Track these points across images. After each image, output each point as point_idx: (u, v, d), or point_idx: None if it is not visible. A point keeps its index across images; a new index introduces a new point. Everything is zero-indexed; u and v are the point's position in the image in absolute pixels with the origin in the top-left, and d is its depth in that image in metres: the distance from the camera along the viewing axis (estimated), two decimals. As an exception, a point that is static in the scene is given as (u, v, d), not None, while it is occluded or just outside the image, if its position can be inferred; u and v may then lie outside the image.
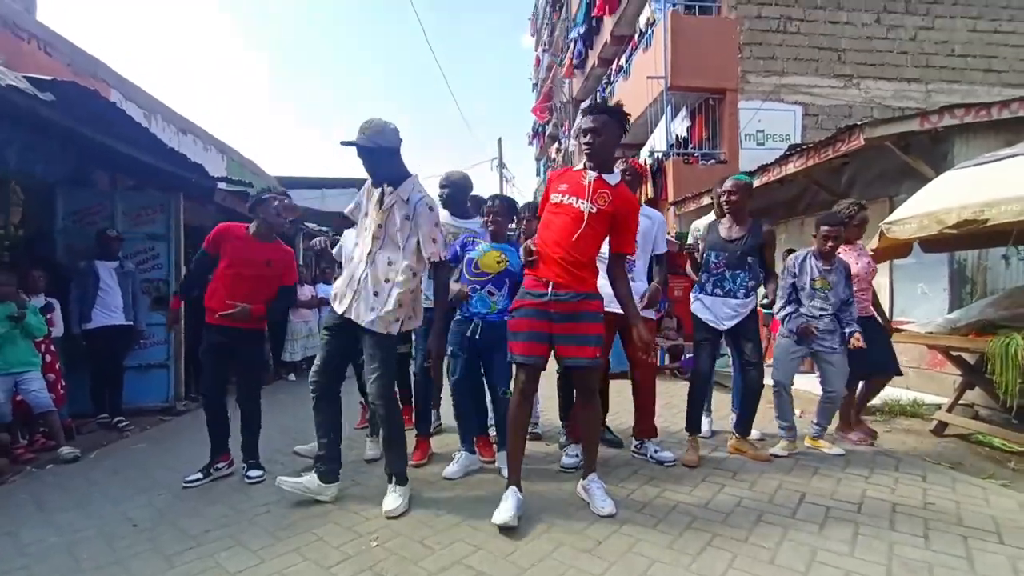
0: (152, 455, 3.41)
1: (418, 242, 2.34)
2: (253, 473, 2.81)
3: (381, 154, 2.30)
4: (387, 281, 2.33)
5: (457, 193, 3.18)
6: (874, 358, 3.23)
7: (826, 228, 3.03)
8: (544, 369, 2.32)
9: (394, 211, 2.33)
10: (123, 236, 4.45)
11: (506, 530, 2.06)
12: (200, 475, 2.79)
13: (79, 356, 4.24)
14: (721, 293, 2.94)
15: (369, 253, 2.34)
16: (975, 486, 2.57)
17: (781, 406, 3.13)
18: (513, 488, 2.23)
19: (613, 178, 2.30)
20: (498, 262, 2.78)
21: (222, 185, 5.27)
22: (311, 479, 2.43)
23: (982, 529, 2.08)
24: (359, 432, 3.65)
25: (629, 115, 2.33)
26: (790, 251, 5.23)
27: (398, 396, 2.63)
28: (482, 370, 2.90)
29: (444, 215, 3.16)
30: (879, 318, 3.59)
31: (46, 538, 2.15)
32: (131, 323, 4.32)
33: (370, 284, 2.33)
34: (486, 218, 2.86)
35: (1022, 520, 2.17)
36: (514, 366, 2.37)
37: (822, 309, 3.07)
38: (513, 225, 3.27)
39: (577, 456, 2.83)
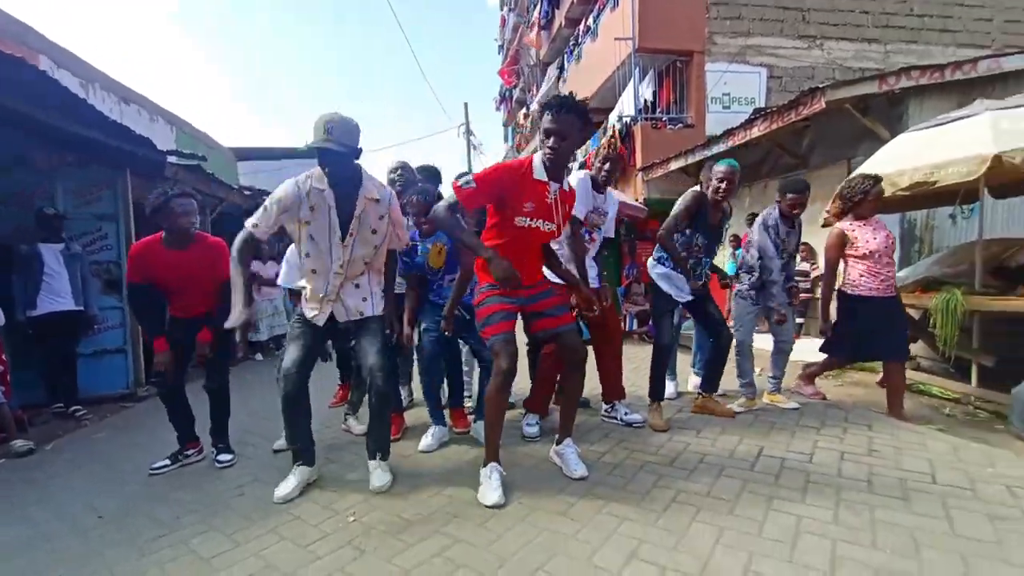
0: (113, 444, 3.32)
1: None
2: (223, 457, 2.77)
3: (350, 156, 2.16)
4: (363, 274, 2.33)
5: (410, 176, 3.19)
6: (896, 341, 3.19)
7: (793, 196, 3.14)
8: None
9: (367, 215, 2.24)
10: (65, 215, 4.19)
11: (494, 507, 2.07)
12: (168, 461, 2.74)
13: (27, 344, 4.04)
14: (696, 276, 3.01)
15: (342, 265, 2.25)
16: (915, 432, 2.77)
17: (743, 364, 3.27)
18: (494, 464, 2.23)
19: (565, 182, 2.25)
20: (439, 253, 2.80)
21: (172, 159, 4.98)
22: (303, 470, 2.37)
23: (919, 472, 2.26)
24: (331, 411, 3.64)
25: (590, 114, 2.19)
26: (754, 215, 5.37)
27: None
28: (460, 345, 3.02)
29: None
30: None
31: (17, 532, 2.09)
32: (81, 308, 4.12)
33: (350, 284, 2.30)
34: (416, 218, 2.78)
35: (954, 461, 2.37)
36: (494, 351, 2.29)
37: (783, 267, 3.22)
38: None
39: (537, 424, 2.94)
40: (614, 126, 8.46)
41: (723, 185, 2.87)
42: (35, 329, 3.96)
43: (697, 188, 3.02)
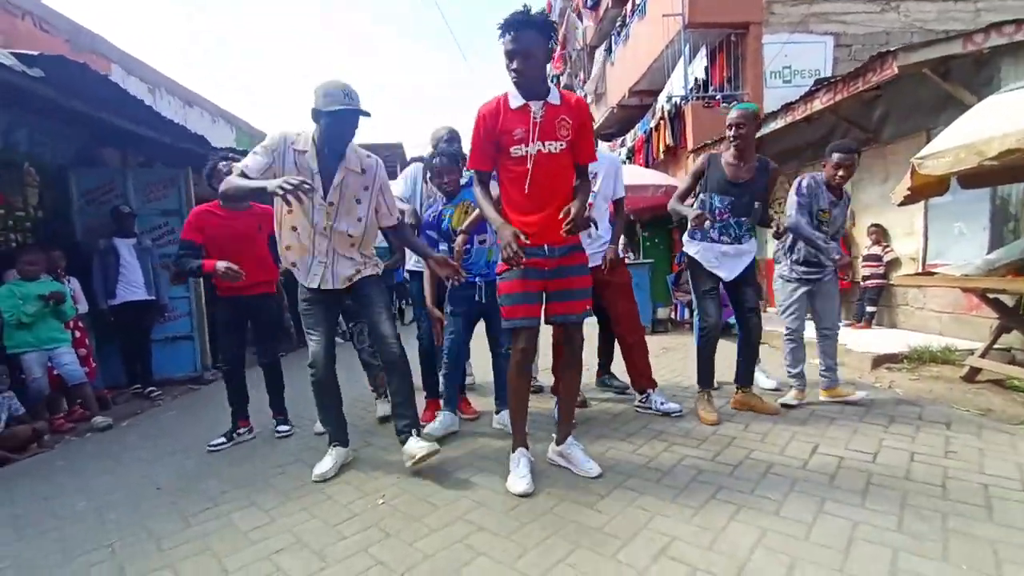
0: (180, 422, 3.57)
1: (376, 209, 2.33)
2: (282, 428, 3.01)
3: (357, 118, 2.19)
4: (352, 246, 2.33)
5: (453, 146, 3.00)
6: None
7: (839, 156, 2.80)
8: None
9: (348, 185, 2.23)
10: (136, 212, 4.55)
11: (523, 495, 2.00)
12: (223, 439, 2.94)
13: (109, 330, 4.43)
14: (728, 240, 2.77)
15: (325, 228, 2.25)
16: (1003, 433, 2.45)
17: (793, 353, 3.00)
18: (521, 450, 2.16)
19: (555, 95, 2.01)
20: (466, 212, 2.67)
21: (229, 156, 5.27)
22: (338, 451, 2.44)
23: (1005, 478, 1.98)
24: (371, 396, 3.73)
25: (555, 22, 2.05)
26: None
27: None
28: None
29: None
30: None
31: (77, 502, 2.29)
32: (153, 298, 4.46)
33: (341, 251, 2.30)
34: (438, 180, 2.69)
35: (1051, 467, 2.06)
36: (512, 331, 2.17)
37: (825, 237, 2.92)
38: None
39: None
40: (663, 107, 8.10)
41: (732, 132, 2.63)
42: (115, 316, 4.34)
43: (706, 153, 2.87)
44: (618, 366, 3.31)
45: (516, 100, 2.00)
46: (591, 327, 2.66)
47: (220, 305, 3.03)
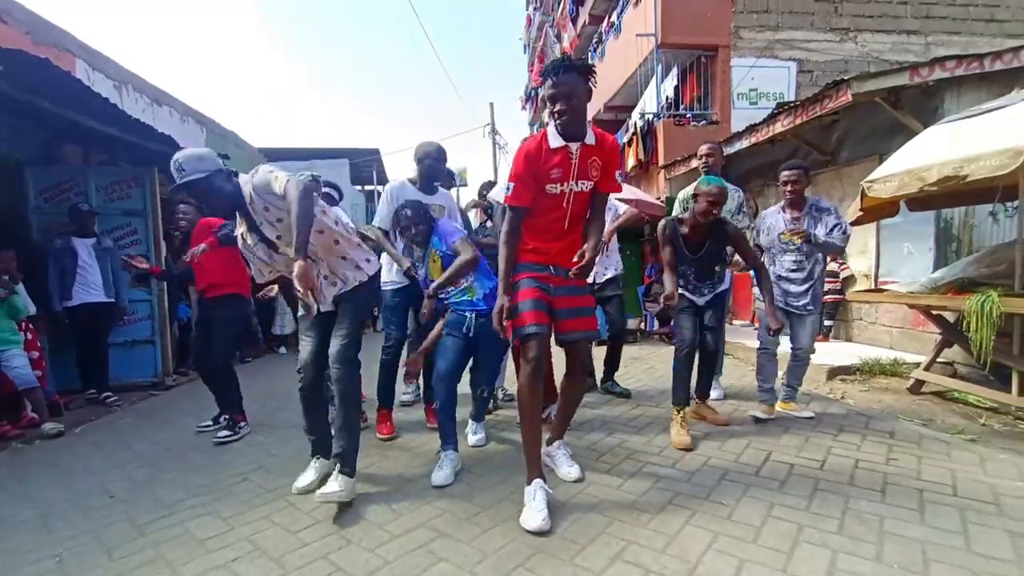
0: (136, 428, 3.46)
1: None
2: (220, 433, 3.06)
3: (215, 180, 2.06)
4: (340, 257, 2.24)
5: (439, 165, 2.98)
6: None
7: (784, 173, 2.96)
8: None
9: (266, 214, 2.10)
10: (97, 211, 4.40)
11: (538, 532, 1.83)
12: (210, 423, 3.16)
13: (64, 333, 4.26)
14: (705, 292, 2.90)
15: (268, 256, 2.20)
16: (941, 442, 2.61)
17: (762, 369, 3.09)
18: (538, 481, 1.98)
19: (591, 136, 2.04)
20: (435, 262, 2.61)
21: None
22: (321, 463, 2.33)
23: (939, 483, 2.12)
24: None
25: (594, 67, 2.05)
26: None
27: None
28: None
29: (411, 190, 2.95)
30: None
31: (22, 511, 2.20)
32: (112, 300, 4.32)
33: (324, 274, 2.22)
34: (408, 233, 2.61)
35: (980, 473, 2.21)
36: (520, 342, 2.07)
37: (796, 262, 2.99)
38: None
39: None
40: (635, 123, 8.33)
41: (716, 210, 2.64)
42: (71, 319, 4.17)
43: (664, 220, 2.85)
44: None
45: (556, 140, 2.02)
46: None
47: (198, 306, 3.22)
